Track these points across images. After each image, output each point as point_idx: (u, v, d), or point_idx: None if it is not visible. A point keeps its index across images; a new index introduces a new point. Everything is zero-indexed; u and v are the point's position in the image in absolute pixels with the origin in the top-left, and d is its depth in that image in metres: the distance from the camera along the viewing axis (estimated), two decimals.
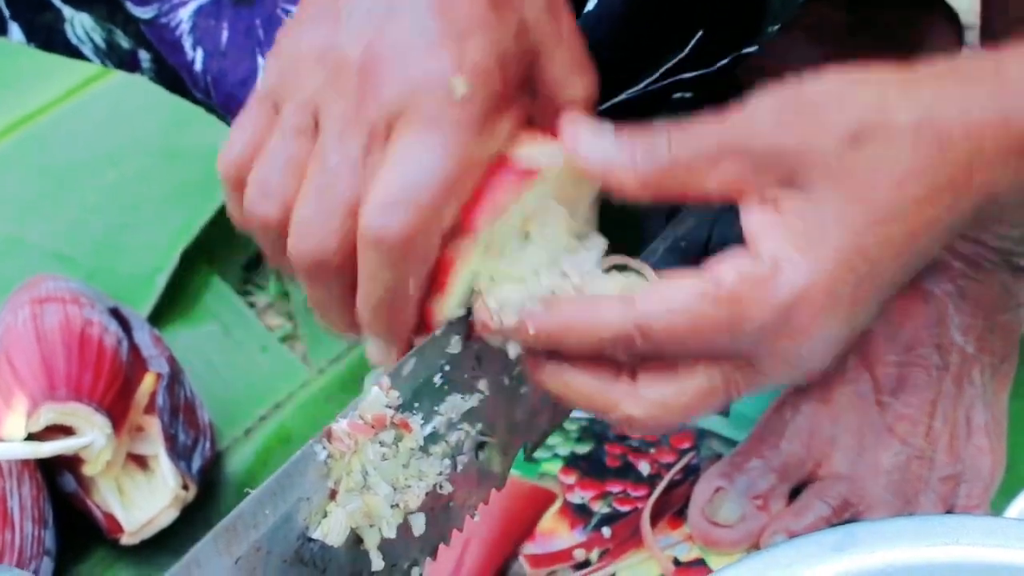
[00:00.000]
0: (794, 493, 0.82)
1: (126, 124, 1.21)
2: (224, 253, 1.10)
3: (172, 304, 1.04)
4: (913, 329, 0.83)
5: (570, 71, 0.63)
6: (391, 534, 0.61)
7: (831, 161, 0.57)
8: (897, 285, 0.60)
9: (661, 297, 0.58)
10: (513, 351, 0.62)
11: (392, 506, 0.61)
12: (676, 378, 0.59)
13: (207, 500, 0.89)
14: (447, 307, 0.62)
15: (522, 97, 0.63)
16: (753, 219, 0.58)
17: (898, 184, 0.57)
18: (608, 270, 0.63)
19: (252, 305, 1.06)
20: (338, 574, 0.60)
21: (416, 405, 0.62)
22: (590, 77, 0.64)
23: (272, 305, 1.07)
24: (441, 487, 0.64)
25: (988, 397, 0.84)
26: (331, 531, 0.59)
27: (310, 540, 0.59)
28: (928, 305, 0.84)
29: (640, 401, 0.60)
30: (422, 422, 0.62)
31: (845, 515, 0.81)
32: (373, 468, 0.59)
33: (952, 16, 1.00)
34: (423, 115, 0.58)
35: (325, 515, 0.59)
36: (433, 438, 0.63)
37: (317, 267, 0.60)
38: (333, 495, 0.59)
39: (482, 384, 0.65)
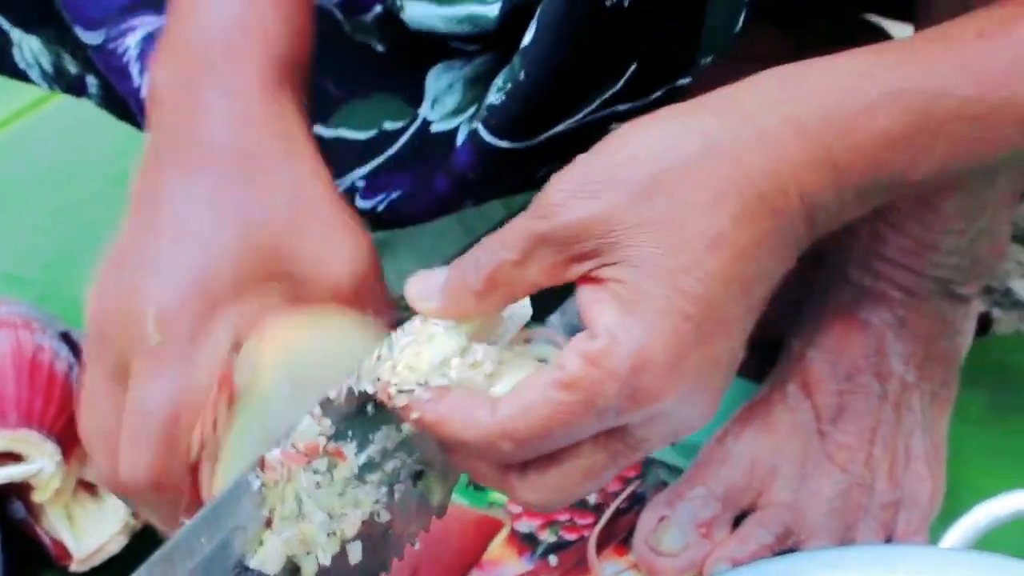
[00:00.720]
0: (737, 521, 0.83)
1: (76, 147, 1.23)
2: None
3: None
4: (852, 358, 0.85)
5: (316, 261, 0.66)
6: (327, 562, 0.61)
7: (631, 217, 0.57)
8: (753, 311, 0.59)
9: (517, 399, 0.58)
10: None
11: (328, 534, 0.62)
12: (561, 464, 0.59)
13: (155, 529, 0.89)
14: (218, 487, 0.63)
15: (267, 286, 0.65)
16: (584, 298, 0.59)
17: (705, 217, 0.57)
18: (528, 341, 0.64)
19: None
20: None
21: (349, 434, 0.62)
22: (348, 254, 0.66)
23: None
24: (378, 515, 0.64)
25: (927, 424, 0.85)
26: (267, 559, 0.60)
27: (247, 569, 0.59)
28: (867, 334, 0.85)
29: (533, 488, 0.60)
30: (356, 451, 0.62)
31: (787, 543, 0.82)
32: (307, 496, 0.60)
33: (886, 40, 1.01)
34: (140, 357, 0.64)
35: (261, 543, 0.60)
36: (369, 467, 0.64)
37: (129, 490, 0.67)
38: (268, 523, 0.60)
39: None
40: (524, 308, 0.63)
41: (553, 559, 0.84)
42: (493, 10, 0.79)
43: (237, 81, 0.69)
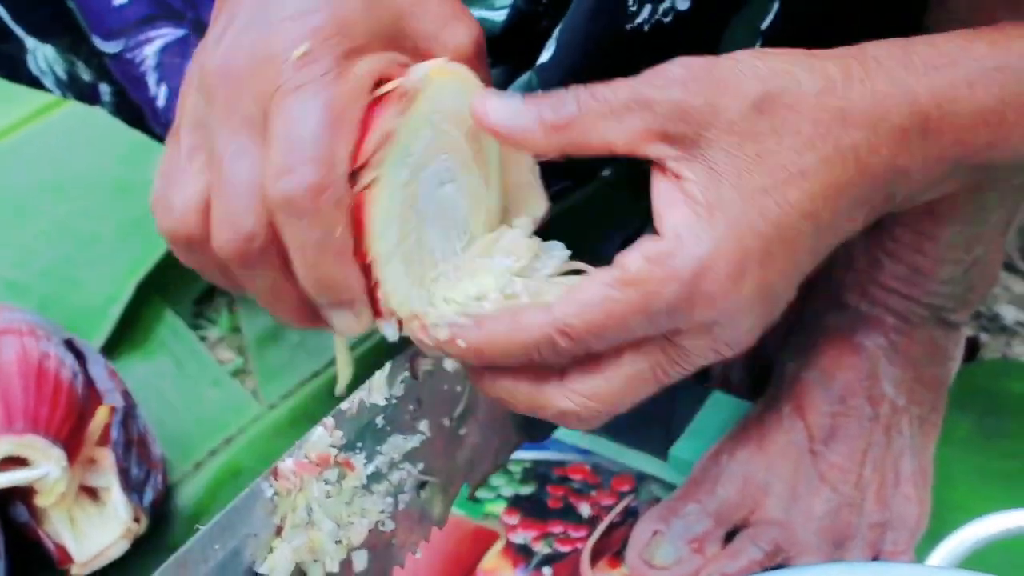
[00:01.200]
0: (728, 537, 0.84)
1: (79, 156, 1.22)
2: (176, 287, 1.12)
3: (124, 336, 1.06)
4: (846, 381, 0.86)
5: (438, 26, 0.65)
6: (334, 569, 0.63)
7: (735, 124, 0.59)
8: (814, 254, 0.61)
9: (575, 295, 0.59)
10: (451, 365, 0.64)
11: (336, 542, 0.63)
12: (602, 370, 0.61)
13: (156, 532, 0.91)
14: (377, 243, 0.61)
15: (388, 51, 0.64)
16: (658, 194, 0.60)
17: (799, 148, 0.59)
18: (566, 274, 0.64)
19: (203, 339, 1.08)
20: None
21: (359, 445, 0.64)
22: (461, 28, 0.65)
23: (223, 339, 1.09)
24: (383, 524, 0.66)
25: (916, 447, 0.87)
26: (277, 566, 0.61)
27: (256, 575, 0.61)
28: (861, 358, 0.87)
29: (571, 395, 0.61)
30: (365, 461, 0.64)
31: (777, 559, 0.83)
32: (318, 505, 0.62)
33: None
34: (282, 88, 0.61)
35: (271, 550, 0.61)
36: (376, 477, 0.65)
37: (245, 256, 0.62)
38: (279, 531, 0.61)
39: (423, 425, 0.68)
40: (561, 249, 0.64)
41: (547, 571, 0.86)
42: (500, 15, 0.80)
43: None
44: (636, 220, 0.88)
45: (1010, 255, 1.06)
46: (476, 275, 0.62)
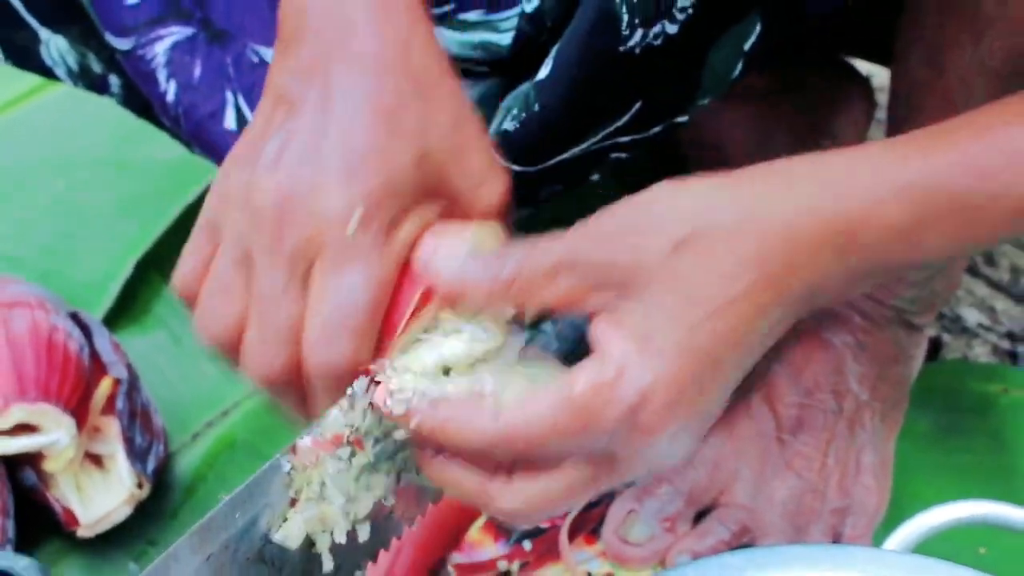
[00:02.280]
0: (698, 518, 0.90)
1: (77, 133, 1.22)
2: (174, 264, 1.15)
3: (123, 311, 1.09)
4: (813, 375, 0.92)
5: (478, 182, 0.69)
6: (341, 539, 0.68)
7: (659, 268, 0.63)
8: (741, 372, 0.65)
9: (523, 409, 0.63)
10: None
11: (344, 515, 0.68)
12: (544, 476, 0.65)
13: (156, 498, 0.95)
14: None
15: (429, 203, 0.68)
16: (599, 327, 0.64)
17: (722, 281, 0.63)
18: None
19: None
20: (292, 573, 0.68)
21: (369, 426, 0.69)
22: (498, 183, 0.70)
23: None
24: (386, 499, 0.71)
25: (877, 440, 0.93)
26: (290, 535, 0.66)
27: (270, 542, 0.66)
28: (828, 354, 0.92)
29: (513, 496, 0.65)
30: (373, 442, 0.69)
31: (743, 539, 0.89)
32: (330, 480, 0.67)
33: (867, 87, 1.09)
34: (331, 251, 0.66)
35: (285, 520, 0.66)
36: (382, 457, 0.70)
37: (269, 383, 0.68)
38: (293, 503, 0.66)
39: None
40: (521, 335, 0.68)
41: (527, 544, 0.91)
42: (506, 39, 0.85)
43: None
44: None
45: (974, 260, 1.12)
46: (446, 342, 0.66)
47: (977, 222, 0.66)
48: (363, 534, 0.70)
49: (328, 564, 0.68)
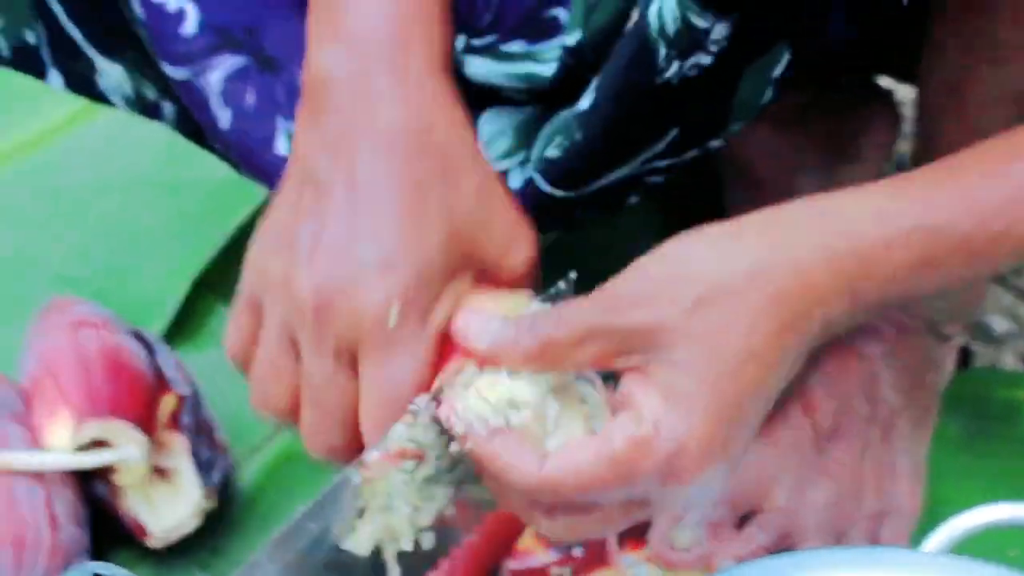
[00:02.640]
0: (741, 524, 0.94)
1: (128, 154, 1.26)
2: (228, 283, 1.18)
3: (180, 330, 1.13)
4: (848, 384, 0.95)
5: (505, 249, 0.74)
6: (407, 547, 0.72)
7: (682, 328, 0.67)
8: (764, 411, 0.70)
9: (567, 460, 0.68)
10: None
11: (409, 524, 0.73)
12: (586, 514, 0.70)
13: (220, 509, 1.00)
14: None
15: (461, 277, 0.73)
16: (630, 386, 0.69)
17: (744, 334, 0.67)
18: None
19: None
20: None
21: (431, 440, 0.73)
22: (525, 246, 0.75)
23: None
24: (446, 509, 0.75)
25: (911, 446, 0.96)
26: (359, 543, 0.71)
27: (341, 551, 0.70)
28: (861, 364, 0.96)
29: (553, 527, 0.71)
30: (436, 455, 0.73)
31: (784, 544, 0.92)
32: (396, 492, 0.71)
33: (891, 104, 1.12)
34: (375, 343, 0.71)
35: (354, 530, 0.71)
36: (443, 469, 0.74)
37: (329, 456, 0.74)
38: (362, 513, 0.71)
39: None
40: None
41: (577, 551, 0.95)
42: (549, 69, 0.89)
43: (410, 70, 0.74)
44: None
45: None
46: (519, 377, 0.71)
47: (979, 260, 0.70)
48: (427, 542, 0.74)
49: (395, 571, 0.73)
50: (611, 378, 0.72)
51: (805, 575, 0.74)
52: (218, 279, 1.17)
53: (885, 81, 1.12)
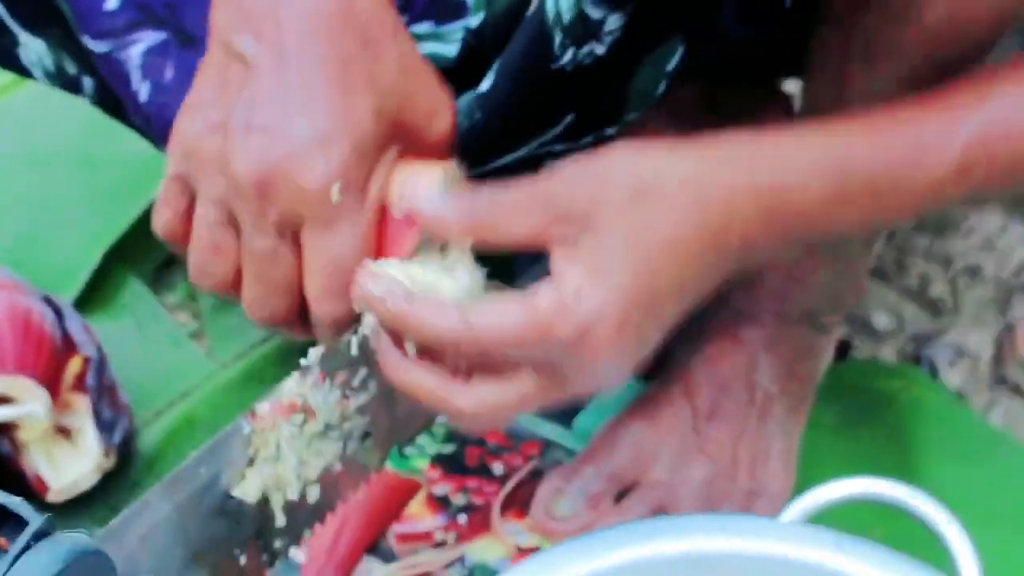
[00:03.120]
0: (619, 497, 0.98)
1: (48, 129, 1.28)
2: (139, 255, 1.20)
3: (91, 298, 1.16)
4: (727, 369, 1.00)
5: (429, 116, 0.78)
6: (293, 498, 0.76)
7: (615, 213, 0.71)
8: (675, 317, 0.74)
9: (491, 312, 0.72)
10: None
11: (296, 476, 0.76)
12: (501, 381, 0.73)
13: (121, 470, 1.02)
14: None
15: (391, 146, 0.76)
16: (558, 258, 0.72)
17: (669, 232, 0.72)
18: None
19: (163, 304, 1.19)
20: (250, 526, 0.76)
21: (319, 397, 0.77)
22: (447, 112, 0.79)
23: (181, 305, 1.18)
24: (334, 465, 0.79)
25: (785, 430, 1.01)
26: (248, 491, 0.74)
27: (230, 497, 0.74)
28: (741, 350, 1.00)
29: (470, 397, 0.73)
30: (324, 411, 0.77)
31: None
32: (285, 443, 0.75)
33: (788, 106, 1.17)
34: (317, 217, 0.74)
35: (243, 478, 0.74)
36: (330, 426, 0.78)
37: (272, 326, 0.77)
38: (251, 462, 0.74)
39: (372, 385, 0.81)
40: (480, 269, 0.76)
41: (463, 518, 0.99)
42: (452, 50, 0.93)
43: None
44: None
45: (885, 267, 1.21)
46: (435, 277, 0.74)
47: (884, 204, 0.75)
48: (312, 496, 0.78)
49: (281, 520, 0.76)
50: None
51: (664, 539, 0.79)
52: (130, 251, 1.20)
53: (786, 84, 1.17)
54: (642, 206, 0.72)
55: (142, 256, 1.21)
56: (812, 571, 0.76)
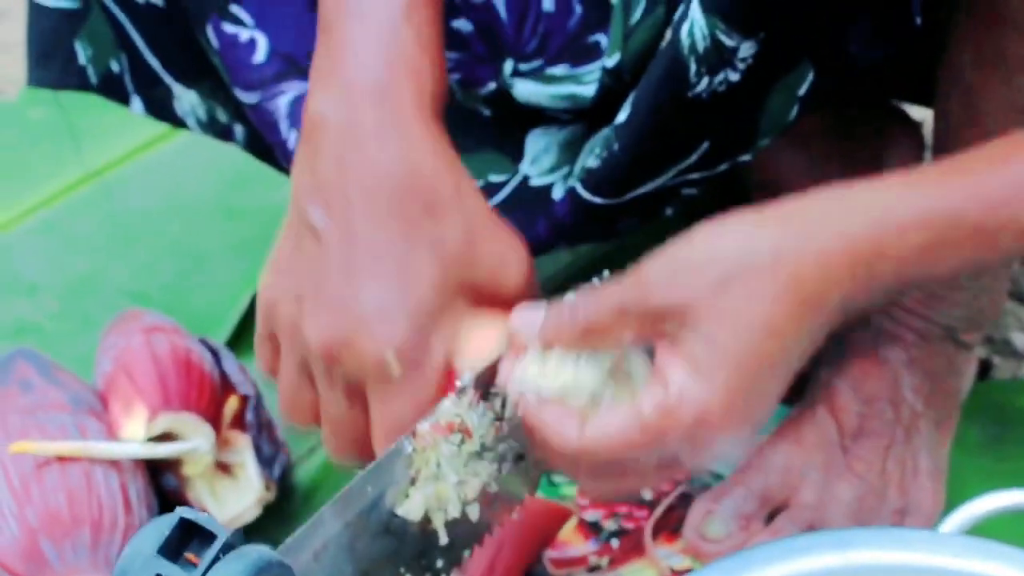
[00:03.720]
0: (770, 518, 0.99)
1: (189, 181, 1.34)
2: None
3: (240, 341, 1.18)
4: (871, 387, 1.01)
5: (499, 269, 0.82)
6: (456, 512, 0.78)
7: (707, 304, 0.73)
8: (784, 382, 0.76)
9: (602, 428, 0.75)
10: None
11: (456, 496, 0.79)
12: (624, 474, 0.77)
13: (280, 504, 1.06)
14: None
15: (460, 299, 0.80)
16: (660, 352, 0.75)
17: (765, 312, 0.73)
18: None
19: None
20: (412, 545, 0.78)
21: (475, 419, 0.79)
22: (517, 262, 0.82)
23: None
24: (491, 486, 0.81)
25: (932, 447, 1.02)
26: (411, 509, 0.77)
27: (395, 516, 0.76)
28: (884, 369, 1.01)
29: (595, 484, 0.78)
30: (480, 432, 0.79)
31: None
32: (445, 462, 0.77)
33: (916, 130, 1.18)
34: (378, 387, 0.80)
35: (407, 496, 0.77)
36: (486, 447, 0.80)
37: (347, 464, 0.84)
38: (413, 481, 0.77)
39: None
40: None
41: (615, 542, 1.01)
42: (590, 90, 0.96)
43: (397, 114, 0.81)
44: None
45: (1020, 289, 1.21)
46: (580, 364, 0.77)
47: (987, 246, 0.76)
48: (473, 514, 0.80)
49: (443, 538, 0.79)
50: None
51: (826, 552, 0.80)
52: None
53: (915, 111, 1.18)
54: (733, 292, 0.73)
55: None
56: None
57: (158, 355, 1.03)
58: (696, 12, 0.85)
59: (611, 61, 0.94)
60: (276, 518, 1.05)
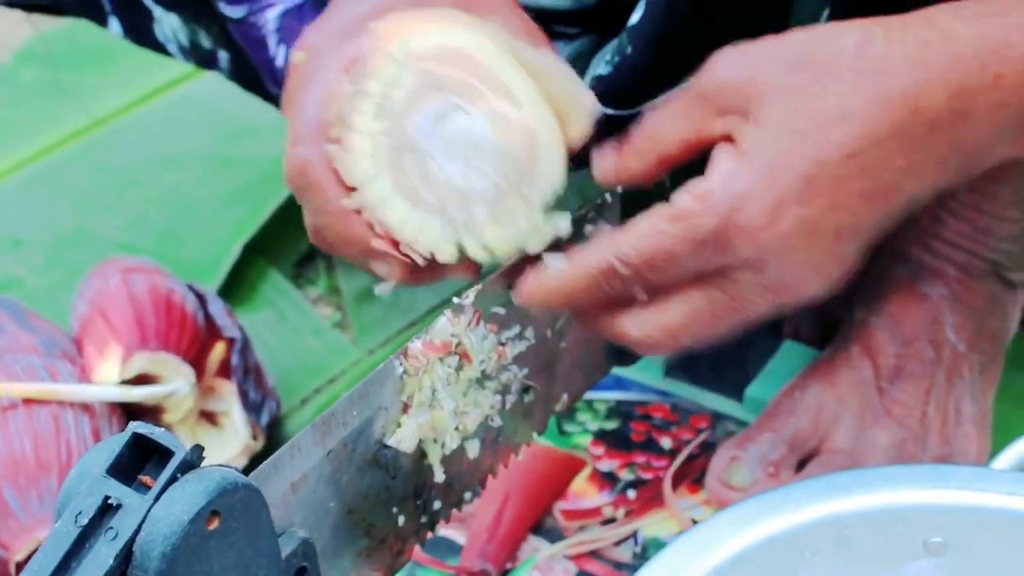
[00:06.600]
0: (800, 464, 0.91)
1: (185, 133, 1.30)
2: (278, 249, 1.19)
3: (232, 291, 1.14)
4: (911, 326, 0.93)
5: None
6: (453, 446, 0.70)
7: (771, 87, 0.64)
8: (870, 203, 0.64)
9: (631, 227, 0.66)
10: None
11: (454, 428, 0.71)
12: (666, 303, 0.67)
13: (268, 455, 0.98)
14: (367, 192, 0.69)
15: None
16: (718, 151, 0.66)
17: (841, 93, 0.63)
18: None
19: (304, 297, 1.16)
20: (405, 482, 0.70)
21: (474, 341, 0.71)
22: None
23: (322, 297, 1.16)
24: (492, 420, 0.73)
25: (976, 392, 0.93)
26: (403, 439, 0.68)
27: (385, 447, 0.68)
28: (924, 306, 0.93)
29: (640, 325, 0.67)
30: (480, 358, 0.71)
31: None
32: (441, 386, 0.69)
33: None
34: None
35: (399, 425, 0.69)
36: (487, 375, 0.72)
37: None
38: (406, 408, 0.69)
39: (528, 332, 0.75)
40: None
41: (631, 493, 0.93)
42: None
43: None
44: None
45: None
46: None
47: None
48: (472, 450, 0.72)
49: (439, 475, 0.71)
50: None
51: (870, 490, 0.72)
52: (270, 247, 1.19)
53: None
54: (807, 73, 0.64)
55: (282, 251, 1.20)
56: None
57: (135, 294, 0.96)
58: None
59: None
60: None
